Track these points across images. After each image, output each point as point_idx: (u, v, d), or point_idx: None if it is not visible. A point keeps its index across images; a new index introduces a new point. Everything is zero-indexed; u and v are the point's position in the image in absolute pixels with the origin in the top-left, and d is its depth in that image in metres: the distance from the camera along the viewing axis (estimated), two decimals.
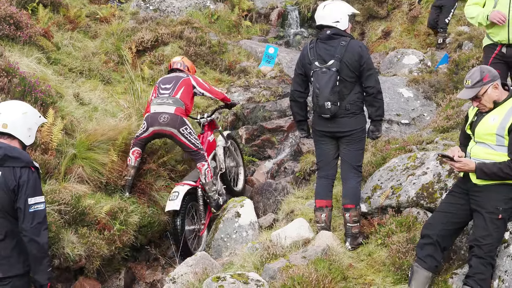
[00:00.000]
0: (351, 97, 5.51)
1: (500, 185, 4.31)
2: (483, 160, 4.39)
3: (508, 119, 4.30)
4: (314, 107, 5.54)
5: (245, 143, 9.34)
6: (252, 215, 6.80)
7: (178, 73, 7.42)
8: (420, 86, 9.02)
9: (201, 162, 7.02)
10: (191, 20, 12.05)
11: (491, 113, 4.45)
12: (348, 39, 5.47)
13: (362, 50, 5.47)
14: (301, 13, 13.99)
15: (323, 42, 5.50)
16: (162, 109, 6.88)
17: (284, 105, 10.08)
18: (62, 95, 7.61)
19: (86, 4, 12.23)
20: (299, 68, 5.68)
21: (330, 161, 5.79)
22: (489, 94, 4.42)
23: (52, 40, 9.47)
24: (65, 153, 6.33)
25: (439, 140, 6.68)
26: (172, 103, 6.91)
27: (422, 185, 5.61)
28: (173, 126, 6.80)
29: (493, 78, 4.43)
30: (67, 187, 5.89)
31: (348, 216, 5.55)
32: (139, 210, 6.45)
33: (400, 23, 11.92)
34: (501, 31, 5.83)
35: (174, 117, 6.82)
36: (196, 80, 7.34)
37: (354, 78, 5.48)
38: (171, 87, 7.10)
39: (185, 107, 6.99)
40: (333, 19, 5.51)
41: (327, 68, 5.37)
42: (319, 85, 5.38)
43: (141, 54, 10.94)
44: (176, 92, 7.05)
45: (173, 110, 6.87)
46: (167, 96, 7.00)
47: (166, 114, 6.82)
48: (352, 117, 5.54)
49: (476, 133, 4.52)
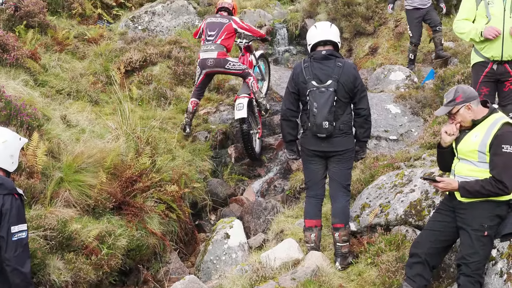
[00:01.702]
0: (344, 117, 5.57)
1: (485, 202, 4.33)
2: (467, 177, 4.43)
3: (489, 136, 4.34)
4: (308, 126, 5.54)
5: (234, 162, 9.31)
6: (241, 236, 6.76)
7: (221, 19, 9.01)
8: (407, 102, 9.05)
9: (248, 77, 8.88)
10: (179, 40, 12.06)
11: (473, 130, 4.50)
12: (344, 61, 5.59)
13: (356, 72, 5.62)
14: (289, 30, 14.05)
15: (318, 61, 5.55)
16: (207, 55, 8.75)
17: (274, 123, 10.09)
18: (49, 118, 7.56)
19: (74, 25, 12.21)
20: (292, 87, 5.68)
21: (319, 180, 5.81)
22: (461, 114, 4.50)
23: (39, 62, 9.46)
24: (51, 176, 6.26)
25: (426, 157, 6.69)
26: (214, 49, 8.74)
27: (410, 203, 5.62)
28: (220, 66, 8.75)
29: (466, 99, 4.48)
30: (53, 212, 5.82)
31: (338, 235, 5.54)
32: (127, 233, 6.36)
33: (387, 39, 11.97)
34: (494, 46, 5.84)
35: (217, 60, 8.71)
36: (237, 23, 8.99)
37: (348, 99, 5.56)
38: (215, 33, 8.83)
39: (226, 48, 8.82)
40: (338, 38, 5.68)
41: (326, 88, 5.41)
42: (317, 104, 5.41)
43: (130, 74, 10.92)
44: (219, 38, 8.80)
45: (215, 55, 8.71)
46: (210, 42, 8.80)
47: (211, 59, 8.71)
48: (344, 137, 5.61)
49: (459, 150, 4.57)
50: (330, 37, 5.61)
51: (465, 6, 6.06)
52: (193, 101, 9.04)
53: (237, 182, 9.04)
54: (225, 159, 9.40)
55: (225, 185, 8.72)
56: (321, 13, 13.49)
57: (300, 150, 5.91)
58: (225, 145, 9.69)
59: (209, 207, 8.27)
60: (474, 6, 5.93)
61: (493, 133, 4.32)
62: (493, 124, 4.37)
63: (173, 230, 7.26)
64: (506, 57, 5.84)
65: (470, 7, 5.98)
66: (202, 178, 8.48)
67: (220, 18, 9.05)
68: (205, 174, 8.68)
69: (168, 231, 7.18)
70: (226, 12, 9.19)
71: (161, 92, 10.30)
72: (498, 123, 4.36)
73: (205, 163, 8.90)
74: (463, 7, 6.11)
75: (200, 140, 9.40)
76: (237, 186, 8.94)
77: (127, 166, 7.04)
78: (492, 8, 5.81)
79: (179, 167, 7.82)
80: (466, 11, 6.01)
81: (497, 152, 4.28)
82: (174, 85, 10.78)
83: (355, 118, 5.67)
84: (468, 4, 6.01)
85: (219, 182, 8.71)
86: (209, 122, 10.10)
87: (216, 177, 9.04)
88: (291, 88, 5.70)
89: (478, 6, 5.89)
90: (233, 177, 9.02)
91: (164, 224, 7.10)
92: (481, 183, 4.31)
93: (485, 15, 5.85)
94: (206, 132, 9.65)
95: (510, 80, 5.94)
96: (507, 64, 5.89)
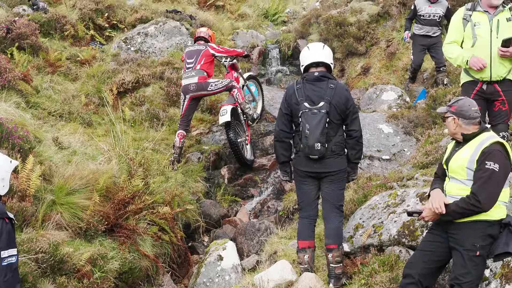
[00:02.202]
0: (336, 138, 5.59)
1: (477, 222, 4.34)
2: (457, 196, 4.44)
3: (477, 153, 4.38)
4: (301, 148, 5.55)
5: (227, 183, 9.30)
6: (234, 258, 6.71)
7: (198, 46, 9.39)
8: (400, 122, 9.08)
9: (232, 90, 9.23)
10: (172, 61, 12.10)
11: (464, 147, 4.54)
12: (336, 82, 5.62)
13: (348, 94, 5.64)
14: (281, 51, 14.12)
15: (310, 83, 5.58)
16: (189, 81, 9.09)
17: (266, 143, 10.10)
18: (40, 140, 7.55)
19: (66, 46, 12.23)
20: (285, 108, 5.69)
21: (312, 201, 5.81)
22: (448, 122, 4.64)
23: (31, 84, 9.46)
24: (43, 199, 6.22)
25: (419, 176, 6.70)
26: (195, 75, 9.08)
27: (403, 223, 5.60)
28: (202, 89, 9.07)
29: (458, 113, 4.56)
30: (45, 235, 5.77)
31: (331, 256, 5.52)
32: (119, 256, 6.31)
33: (379, 59, 12.05)
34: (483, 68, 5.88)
35: (199, 84, 9.04)
36: (213, 48, 9.32)
37: (340, 120, 5.58)
38: (193, 60, 9.21)
39: (206, 73, 9.13)
40: (330, 60, 5.72)
41: (318, 110, 5.42)
42: (310, 126, 5.42)
43: (122, 96, 10.93)
44: (198, 63, 9.16)
45: (196, 79, 9.04)
46: (190, 69, 9.15)
47: (193, 84, 9.04)
48: (337, 158, 5.62)
49: (449, 168, 4.60)
50: (322, 58, 5.64)
51: (453, 27, 6.11)
52: (180, 133, 9.10)
53: (230, 203, 9.01)
54: (218, 180, 9.38)
55: (218, 206, 8.69)
56: (313, 33, 13.58)
57: (293, 171, 5.91)
58: (218, 166, 9.68)
59: (202, 229, 8.22)
60: (462, 28, 5.98)
61: (481, 150, 4.36)
62: (483, 142, 4.41)
63: (166, 252, 7.20)
64: (495, 77, 5.88)
65: (457, 29, 6.03)
66: (195, 199, 8.45)
67: (197, 46, 9.45)
68: (198, 195, 8.65)
69: (161, 253, 7.13)
70: (203, 41, 9.61)
71: (154, 113, 10.31)
72: (488, 141, 4.39)
73: (198, 184, 8.88)
74: (451, 28, 6.16)
75: (193, 161, 9.39)
76: (230, 207, 8.91)
77: (120, 188, 7.01)
78: (478, 30, 5.86)
79: (172, 188, 7.79)
80: (454, 33, 6.06)
81: (480, 168, 4.33)
82: (167, 106, 10.80)
83: (346, 140, 5.68)
84: (455, 26, 6.06)
85: (212, 203, 8.67)
86: (202, 143, 10.10)
87: (209, 198, 9.01)
88: (284, 109, 5.71)
89: (465, 28, 5.94)
90: (226, 198, 9.00)
91: (157, 246, 7.05)
92: (456, 202, 4.37)
93: (471, 36, 5.90)
94: (199, 153, 9.65)
95: (499, 100, 5.96)
96: (496, 84, 5.92)
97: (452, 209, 4.35)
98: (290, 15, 16.85)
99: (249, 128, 9.84)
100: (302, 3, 17.63)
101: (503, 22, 5.82)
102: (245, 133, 9.59)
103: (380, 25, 12.90)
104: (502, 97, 5.94)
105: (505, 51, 5.70)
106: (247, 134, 9.64)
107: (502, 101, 5.96)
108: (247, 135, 9.64)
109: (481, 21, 5.86)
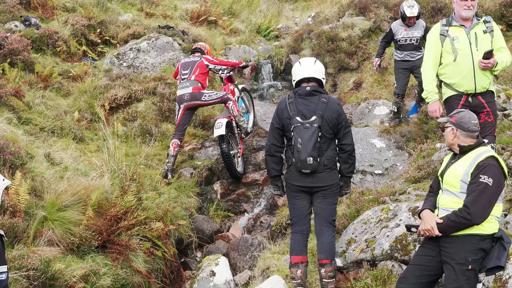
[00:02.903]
0: (329, 153, 5.61)
1: (469, 236, 4.34)
2: (450, 208, 4.45)
3: (472, 166, 4.39)
4: (293, 162, 5.56)
5: (220, 198, 9.28)
6: (227, 273, 6.69)
7: (193, 58, 9.63)
8: (392, 136, 9.12)
9: (227, 102, 9.33)
10: (164, 76, 12.11)
11: (459, 160, 4.56)
12: (328, 97, 5.65)
13: (340, 108, 5.67)
14: (274, 66, 14.18)
15: (302, 97, 5.60)
16: (183, 92, 9.28)
17: (259, 158, 10.09)
18: (32, 156, 7.53)
19: (59, 62, 12.21)
20: (277, 122, 5.72)
21: (304, 216, 5.81)
22: (447, 133, 4.67)
23: (23, 100, 9.45)
24: (34, 215, 6.19)
25: (411, 191, 6.72)
26: (189, 85, 9.28)
27: (395, 237, 5.61)
28: (196, 99, 9.23)
29: (457, 125, 4.59)
30: (36, 251, 5.74)
31: (324, 271, 5.51)
32: (111, 272, 6.28)
33: (371, 74, 12.10)
34: (467, 81, 5.93)
35: (193, 94, 9.22)
36: (208, 59, 9.53)
37: (332, 134, 5.61)
38: (188, 71, 9.42)
39: (200, 84, 9.31)
40: (322, 75, 5.75)
41: (310, 124, 5.44)
42: (302, 140, 5.44)
43: (115, 111, 10.91)
44: (192, 74, 9.37)
45: (190, 90, 9.23)
46: (185, 80, 9.36)
47: (187, 94, 9.23)
48: (329, 172, 5.63)
49: (444, 180, 4.61)
50: (313, 74, 5.68)
51: (430, 45, 6.15)
52: (174, 142, 9.22)
53: (223, 218, 8.98)
54: (211, 195, 9.36)
55: (211, 221, 8.66)
56: (305, 48, 13.65)
57: (285, 186, 5.91)
58: (211, 181, 9.66)
59: (195, 244, 8.19)
60: (439, 44, 6.03)
61: (476, 164, 4.37)
62: (479, 155, 4.43)
63: (159, 268, 7.17)
64: (479, 89, 5.95)
65: (435, 46, 6.08)
66: (188, 214, 8.42)
67: (193, 57, 9.68)
68: (190, 211, 8.62)
69: (154, 269, 7.09)
70: (199, 53, 9.84)
71: (146, 129, 10.31)
72: (483, 155, 4.41)
73: (191, 199, 8.85)
74: (428, 46, 6.20)
75: (185, 176, 9.37)
76: (223, 223, 8.88)
77: (112, 204, 6.98)
78: (458, 43, 5.92)
79: (165, 204, 7.77)
80: (432, 50, 6.11)
81: (474, 181, 4.34)
82: (159, 121, 10.80)
83: (339, 154, 5.70)
84: (433, 43, 6.11)
85: (205, 219, 8.64)
86: (195, 158, 10.08)
87: (202, 213, 8.98)
88: (275, 123, 5.73)
89: (444, 43, 6.00)
90: (219, 213, 8.97)
91: (149, 262, 7.02)
92: (448, 216, 4.39)
93: (451, 51, 5.95)
94: (192, 168, 9.63)
95: (484, 112, 6.01)
96: (480, 96, 5.98)
97: (444, 223, 4.36)
98: (283, 30, 16.94)
99: (242, 141, 9.96)
100: (294, 19, 17.76)
101: (480, 34, 5.92)
102: (238, 146, 9.70)
103: (372, 40, 12.98)
104: (486, 109, 5.99)
105: (487, 63, 5.79)
106: (240, 147, 9.76)
107: (487, 112, 6.00)
108: (240, 148, 9.76)
109: (459, 35, 5.94)
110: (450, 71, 6.02)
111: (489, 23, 6.00)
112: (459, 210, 4.32)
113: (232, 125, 9.47)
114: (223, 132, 8.93)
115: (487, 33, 5.95)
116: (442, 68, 6.09)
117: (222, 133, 8.93)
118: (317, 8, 17.41)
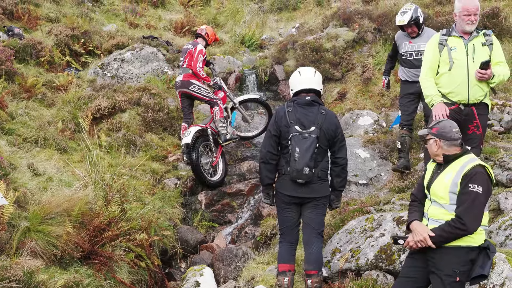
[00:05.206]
0: (323, 164, 5.65)
1: (458, 248, 4.34)
2: (441, 220, 4.42)
3: (460, 175, 4.38)
4: (287, 171, 5.56)
5: (204, 208, 9.26)
6: (212, 284, 6.66)
7: (188, 45, 10.08)
8: (376, 147, 9.16)
9: (214, 106, 9.75)
10: (148, 86, 12.08)
11: (445, 170, 4.53)
12: (326, 108, 5.68)
13: (338, 121, 5.72)
14: (258, 77, 14.18)
15: (301, 107, 5.61)
16: (178, 78, 9.95)
17: (244, 168, 10.09)
18: (15, 166, 7.46)
19: (42, 72, 12.14)
20: (274, 130, 5.70)
21: (293, 227, 5.84)
22: (430, 144, 4.66)
23: (6, 110, 9.36)
24: (17, 226, 6.13)
25: (395, 201, 6.75)
26: (182, 72, 9.90)
27: (380, 247, 5.62)
28: (184, 87, 9.76)
29: (439, 135, 4.58)
30: (19, 263, 5.66)
31: (311, 282, 5.52)
32: (95, 284, 6.22)
33: (355, 84, 12.18)
34: (461, 92, 5.98)
35: (182, 81, 9.80)
36: (196, 51, 9.81)
37: (327, 146, 5.65)
38: (183, 59, 9.96)
39: (192, 71, 9.74)
40: (321, 86, 5.80)
41: (309, 134, 5.45)
42: (300, 149, 5.44)
43: (99, 122, 10.86)
44: (184, 62, 9.90)
45: (182, 77, 9.83)
46: (180, 67, 10.01)
47: (179, 81, 9.86)
48: (321, 184, 5.67)
49: (432, 191, 4.58)
50: (314, 85, 5.74)
51: (429, 53, 6.21)
52: (183, 125, 9.90)
53: (207, 228, 8.96)
54: (195, 206, 9.34)
55: (195, 232, 8.63)
56: (289, 59, 13.69)
57: (275, 195, 5.90)
58: (195, 191, 9.64)
59: (179, 255, 8.15)
60: (437, 53, 6.08)
61: (463, 173, 4.37)
62: (465, 164, 4.42)
63: (143, 279, 7.12)
64: (472, 100, 5.99)
65: (433, 54, 6.13)
66: (172, 225, 8.38)
67: (188, 44, 10.20)
68: (175, 221, 8.59)
69: (138, 280, 7.04)
70: (201, 38, 10.20)
71: (130, 139, 10.27)
72: (470, 163, 4.41)
73: (175, 210, 8.83)
74: (426, 53, 6.26)
75: (170, 186, 9.34)
76: (207, 233, 8.86)
77: (96, 215, 6.92)
78: (455, 53, 5.98)
79: (149, 214, 7.72)
80: (430, 60, 6.17)
81: (463, 191, 4.33)
82: (144, 131, 10.77)
83: (332, 167, 5.72)
84: (431, 51, 6.17)
85: (190, 229, 8.62)
86: (179, 169, 10.06)
87: (187, 224, 8.96)
88: (273, 130, 5.71)
89: (442, 52, 6.05)
90: (203, 223, 8.95)
91: (133, 273, 6.96)
92: (442, 227, 4.36)
93: (448, 61, 6.00)
94: (176, 178, 9.61)
95: (474, 124, 6.05)
96: (474, 107, 6.02)
97: (438, 234, 4.34)
98: (267, 41, 16.99)
99: (221, 148, 9.98)
100: (278, 29, 17.80)
101: (478, 46, 5.97)
102: (213, 154, 9.76)
103: (356, 51, 13.06)
104: (476, 121, 6.03)
105: (483, 74, 5.82)
106: (216, 155, 9.78)
107: (477, 124, 6.05)
108: (215, 156, 9.78)
109: (457, 45, 5.99)
110: (444, 81, 6.07)
111: (489, 36, 6.05)
112: (453, 221, 4.30)
113: (207, 133, 9.61)
114: (189, 141, 9.14)
115: (485, 45, 5.99)
116: (437, 78, 6.13)
117: (188, 142, 9.15)
118: (301, 19, 17.47)
